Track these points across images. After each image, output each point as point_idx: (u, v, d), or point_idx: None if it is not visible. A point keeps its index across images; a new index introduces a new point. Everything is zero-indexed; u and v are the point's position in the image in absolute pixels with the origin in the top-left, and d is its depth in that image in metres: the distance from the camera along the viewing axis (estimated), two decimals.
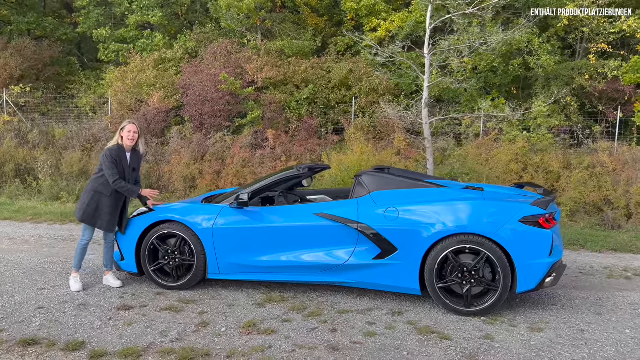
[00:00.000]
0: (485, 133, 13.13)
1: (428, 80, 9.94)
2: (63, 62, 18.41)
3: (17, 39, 17.82)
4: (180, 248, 5.36)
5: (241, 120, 13.45)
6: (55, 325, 4.42)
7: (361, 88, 14.18)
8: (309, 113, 13.95)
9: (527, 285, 4.62)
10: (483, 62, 13.87)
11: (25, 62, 16.86)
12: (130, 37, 17.13)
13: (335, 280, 5.09)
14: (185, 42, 16.15)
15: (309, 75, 14.41)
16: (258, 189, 5.43)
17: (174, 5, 17.50)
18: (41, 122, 15.12)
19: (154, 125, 13.80)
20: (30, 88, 15.76)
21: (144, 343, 4.09)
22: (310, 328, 4.42)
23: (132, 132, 5.36)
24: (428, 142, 10.02)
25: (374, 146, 12.89)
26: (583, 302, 5.15)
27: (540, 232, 4.60)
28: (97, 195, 5.25)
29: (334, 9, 17.70)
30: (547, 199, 4.76)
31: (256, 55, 14.56)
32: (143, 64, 15.43)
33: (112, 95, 15.04)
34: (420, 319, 4.65)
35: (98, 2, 17.98)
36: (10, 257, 6.61)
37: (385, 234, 4.85)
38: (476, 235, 4.65)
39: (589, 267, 6.49)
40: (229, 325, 4.48)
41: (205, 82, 13.51)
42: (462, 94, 14.22)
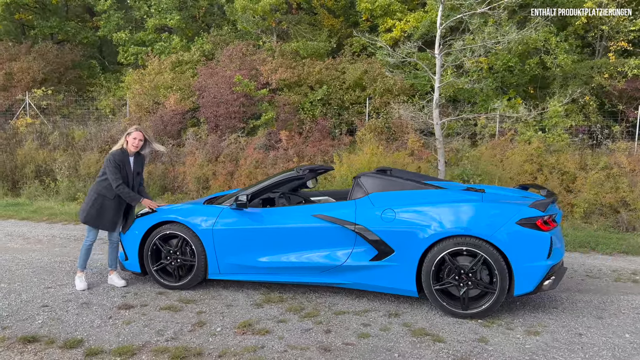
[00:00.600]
0: (501, 133, 13.00)
1: (439, 81, 9.88)
2: (84, 65, 18.80)
3: (41, 43, 18.24)
4: (181, 248, 5.44)
5: (255, 121, 13.55)
6: (57, 323, 4.53)
7: (375, 89, 14.16)
8: (322, 114, 13.99)
9: (524, 288, 4.57)
10: (499, 61, 13.72)
11: (48, 65, 17.27)
12: (148, 40, 17.41)
13: (333, 282, 5.11)
14: (202, 45, 16.34)
15: (323, 76, 14.45)
16: (257, 190, 5.48)
17: (192, 8, 17.70)
18: (62, 124, 15.45)
19: (170, 127, 14.00)
20: (52, 91, 16.13)
21: (140, 342, 4.17)
22: (304, 329, 4.45)
23: (137, 140, 5.45)
24: (439, 143, 9.97)
25: (387, 147, 12.87)
26: (585, 305, 5.08)
27: (538, 235, 4.55)
28: (100, 198, 5.35)
29: (350, 10, 17.71)
30: (546, 201, 4.71)
31: (271, 57, 14.65)
32: (160, 67, 15.67)
33: (130, 98, 15.30)
34: (416, 321, 4.64)
35: (118, 6, 18.29)
36: (22, 256, 6.80)
37: (382, 236, 4.86)
38: (473, 237, 4.62)
39: (597, 270, 6.38)
40: (225, 325, 4.54)
41: (220, 84, 13.66)
42: (478, 94, 14.09)
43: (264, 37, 15.75)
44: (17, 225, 8.98)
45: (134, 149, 5.48)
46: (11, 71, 16.54)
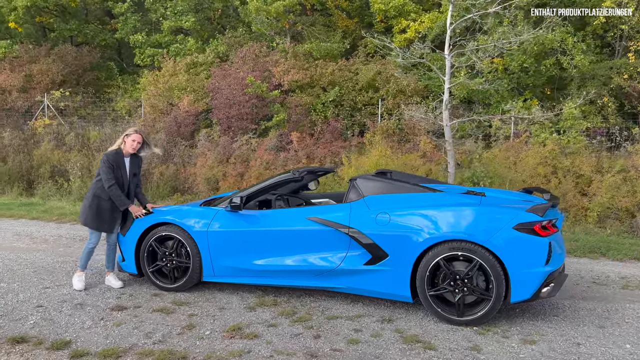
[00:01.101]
0: (516, 136, 12.77)
1: (449, 82, 9.73)
2: (102, 67, 19.03)
3: (60, 45, 18.52)
4: (177, 250, 5.43)
5: (267, 123, 13.54)
6: (49, 324, 4.55)
7: (388, 90, 14.05)
8: (335, 115, 13.92)
9: (521, 295, 4.43)
10: (514, 62, 13.48)
11: (66, 67, 17.52)
12: (164, 42, 17.55)
13: (327, 286, 5.04)
14: (217, 47, 16.41)
15: (336, 78, 14.39)
16: (253, 192, 5.43)
17: (207, 10, 17.79)
18: (79, 125, 15.65)
19: (184, 128, 14.08)
20: (70, 92, 16.36)
21: (127, 344, 4.15)
22: (294, 333, 4.38)
23: (135, 142, 5.46)
24: (449, 145, 9.81)
25: (399, 149, 12.75)
26: (588, 313, 4.91)
27: (536, 240, 4.41)
28: (97, 199, 5.36)
29: (365, 11, 17.61)
30: (544, 205, 4.56)
31: (283, 58, 14.63)
32: (175, 68, 15.77)
33: (144, 99, 15.43)
34: (409, 327, 4.53)
35: (135, 8, 18.48)
36: (26, 256, 6.87)
37: (376, 239, 4.77)
38: (468, 242, 4.50)
39: (605, 276, 6.18)
40: (214, 328, 4.50)
41: (232, 85, 13.69)
42: (492, 95, 13.87)
43: (278, 38, 15.74)
44: (26, 224, 9.10)
45: (132, 150, 5.48)
46: (31, 73, 16.82)
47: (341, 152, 12.55)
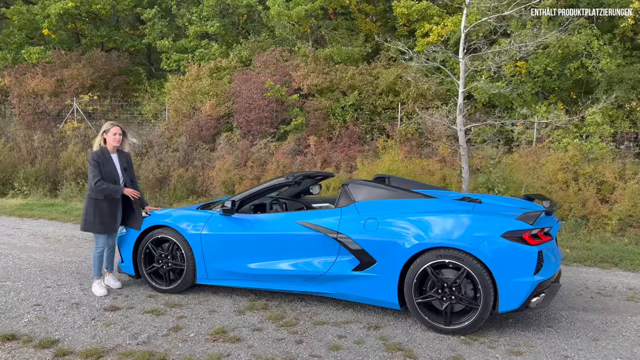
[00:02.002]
0: (539, 141, 12.49)
1: (463, 86, 9.59)
2: (131, 71, 19.46)
3: (91, 51, 19.03)
4: (172, 252, 5.51)
5: (286, 126, 13.60)
6: (42, 323, 4.67)
7: (409, 94, 13.94)
8: (354, 119, 13.89)
9: (509, 304, 4.32)
10: (537, 65, 13.19)
11: (96, 72, 17.97)
12: (190, 47, 17.84)
13: (317, 291, 5.02)
14: (240, 51, 16.59)
15: (356, 82, 14.35)
16: (246, 196, 5.46)
17: (233, 15, 18.01)
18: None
19: (205, 132, 14.27)
20: (98, 96, 16.78)
21: (112, 344, 4.23)
22: (277, 338, 4.39)
23: (117, 135, 5.42)
24: (463, 150, 9.66)
25: (418, 153, 12.63)
26: (584, 325, 4.75)
27: (524, 249, 4.30)
28: (92, 202, 5.39)
29: (388, 14, 17.53)
30: (535, 213, 4.44)
31: (304, 62, 14.69)
32: (199, 73, 16.01)
33: (169, 103, 15.72)
34: (395, 335, 4.48)
35: (162, 14, 18.85)
36: (37, 256, 7.08)
37: (364, 245, 4.73)
38: (455, 250, 4.42)
39: (611, 287, 5.97)
40: (200, 331, 4.54)
41: (252, 89, 13.81)
42: (515, 99, 13.61)
43: (299, 43, 15.81)
44: (44, 224, 9.39)
45: (115, 143, 5.42)
46: (62, 78, 17.31)
47: (358, 156, 12.51)
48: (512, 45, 9.61)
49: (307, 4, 15.00)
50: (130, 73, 19.50)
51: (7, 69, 17.85)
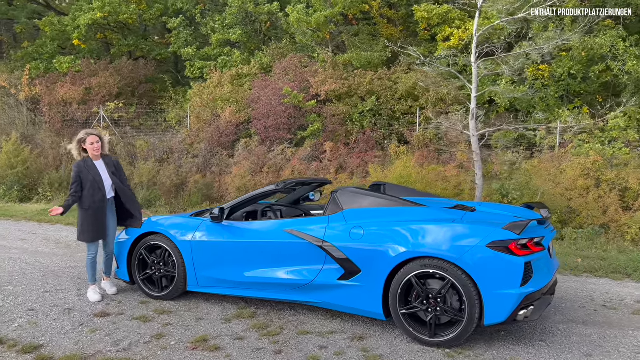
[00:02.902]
0: (563, 146, 12.13)
1: (476, 90, 9.39)
2: (157, 79, 19.83)
3: (119, 59, 19.49)
4: (164, 259, 5.53)
5: (303, 132, 13.59)
6: (31, 327, 4.75)
7: (428, 99, 13.76)
8: (372, 125, 13.77)
9: (495, 317, 4.16)
10: (560, 69, 12.82)
11: (123, 80, 18.38)
12: (213, 55, 18.06)
13: (304, 300, 4.96)
14: (262, 58, 16.69)
15: (375, 87, 14.24)
16: (236, 204, 5.45)
17: (255, 22, 18.16)
18: (130, 135, 16.34)
19: (224, 138, 14.38)
20: (124, 104, 17.14)
21: (92, 351, 4.26)
22: (257, 348, 4.34)
23: (95, 143, 5.42)
24: (476, 156, 9.45)
25: (437, 159, 12.44)
26: (581, 339, 4.54)
27: (510, 259, 4.13)
28: (81, 212, 5.46)
29: (410, 19, 17.36)
30: (522, 223, 4.27)
31: (322, 68, 14.67)
32: (221, 80, 16.17)
33: (190, 110, 15.93)
34: (378, 347, 4.37)
35: (188, 23, 19.15)
36: (43, 260, 7.23)
37: (349, 254, 4.64)
38: (440, 260, 4.29)
39: (619, 300, 5.70)
40: (182, 339, 4.53)
41: (270, 96, 13.86)
42: (538, 103, 13.26)
43: (319, 49, 15.81)
44: (59, 230, 9.60)
45: (95, 151, 5.44)
46: (90, 86, 17.76)
47: (375, 161, 12.40)
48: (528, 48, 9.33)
49: (326, 11, 14.99)
50: (157, 81, 19.87)
51: (39, 78, 18.41)
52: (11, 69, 19.46)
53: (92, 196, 5.41)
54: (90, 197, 5.40)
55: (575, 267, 6.94)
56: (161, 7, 19.63)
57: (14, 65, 20.08)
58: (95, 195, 5.42)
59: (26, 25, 20.64)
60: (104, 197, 5.48)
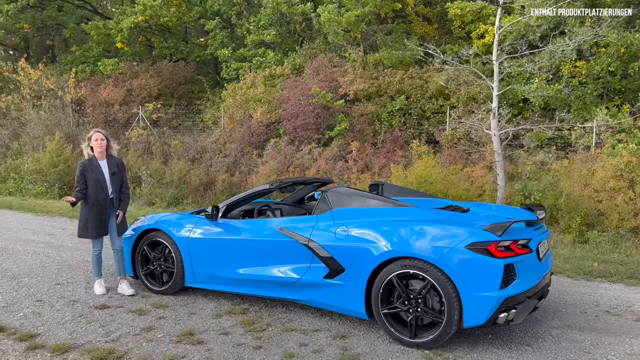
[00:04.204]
0: (599, 145, 11.69)
1: (497, 89, 9.18)
2: (196, 81, 20.32)
3: (160, 62, 20.09)
4: (165, 255, 5.71)
5: (330, 132, 13.63)
6: (34, 317, 5.02)
7: (459, 97, 13.53)
8: (401, 124, 13.66)
9: (474, 320, 4.09)
10: (597, 66, 12.34)
11: (163, 81, 18.94)
12: (248, 56, 18.35)
13: (292, 297, 5.01)
14: (295, 59, 16.84)
15: (405, 86, 14.11)
16: (231, 202, 5.56)
17: (289, 23, 18.33)
18: (168, 134, 16.82)
19: (255, 138, 14.60)
20: (162, 104, 17.67)
21: (83, 341, 4.46)
22: (238, 343, 4.43)
23: (99, 140, 5.61)
24: (498, 156, 9.24)
25: (465, 159, 12.23)
26: (570, 345, 4.39)
27: (489, 261, 4.05)
28: (83, 209, 5.67)
29: (446, 16, 17.10)
30: (504, 224, 4.17)
31: (352, 68, 14.66)
32: (254, 80, 16.42)
33: (224, 111, 16.25)
34: (358, 346, 4.38)
35: (224, 25, 19.53)
36: (64, 254, 7.58)
37: (333, 253, 4.67)
38: (420, 260, 4.26)
39: (625, 306, 5.47)
40: (170, 332, 4.68)
41: (299, 96, 13.98)
42: (573, 102, 12.80)
43: (350, 48, 15.80)
44: None
45: (100, 149, 5.62)
46: (131, 87, 18.40)
47: (402, 161, 12.30)
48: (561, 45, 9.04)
49: (357, 10, 14.97)
50: (195, 82, 20.36)
51: (85, 80, 19.22)
52: (60, 72, 20.39)
53: (95, 194, 5.60)
54: (94, 195, 5.61)
55: (590, 272, 6.70)
56: (200, 9, 20.09)
57: (63, 69, 21.04)
58: (98, 194, 5.61)
59: (74, 30, 21.56)
60: (107, 196, 5.68)
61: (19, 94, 19.27)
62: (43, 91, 18.85)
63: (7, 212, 11.48)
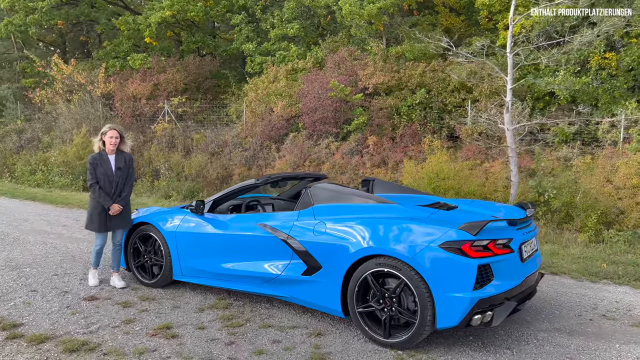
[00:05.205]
0: (627, 141, 11.20)
1: (511, 82, 8.88)
2: (222, 75, 20.48)
3: (187, 56, 20.33)
4: (155, 249, 5.75)
5: (348, 126, 13.51)
6: (23, 307, 5.13)
7: (481, 91, 13.19)
8: (421, 118, 13.41)
9: (447, 321, 3.96)
10: (628, 57, 11.81)
11: (189, 76, 19.18)
12: (272, 50, 18.36)
13: (274, 293, 4.97)
14: (317, 52, 16.76)
15: (426, 79, 13.85)
16: (218, 197, 5.56)
17: (313, 16, 18.24)
18: (193, 128, 17.03)
19: (275, 132, 14.61)
20: (187, 99, 17.88)
21: (62, 331, 4.53)
22: (212, 338, 4.41)
23: (113, 138, 5.68)
24: (511, 151, 8.96)
25: (487, 154, 11.93)
26: (554, 350, 4.20)
27: (462, 261, 3.91)
28: (91, 202, 5.73)
29: (473, 7, 16.69)
30: (480, 223, 4.01)
31: (372, 61, 14.47)
32: (276, 75, 16.42)
33: (246, 105, 16.32)
34: (331, 344, 4.30)
35: (250, 19, 19.60)
36: (71, 245, 7.76)
37: (310, 249, 4.60)
38: (393, 259, 4.14)
39: (626, 310, 5.20)
40: (148, 325, 4.70)
41: (318, 90, 13.89)
42: (601, 95, 12.29)
43: (372, 41, 15.60)
44: None
45: (112, 146, 5.69)
46: (158, 82, 18.70)
47: (420, 156, 12.09)
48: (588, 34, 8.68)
49: (379, 2, 14.76)
50: (222, 76, 20.52)
51: (114, 75, 19.63)
52: (92, 67, 20.89)
53: (103, 188, 5.65)
54: (102, 189, 5.67)
55: (596, 273, 6.41)
56: (227, 3, 20.20)
57: (95, 64, 21.54)
58: (105, 187, 5.66)
59: (106, 25, 22.02)
60: (112, 190, 5.68)
61: (52, 89, 19.85)
62: (75, 86, 19.36)
63: (30, 204, 11.85)
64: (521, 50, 10.66)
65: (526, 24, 14.10)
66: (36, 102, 20.28)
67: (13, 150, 18.41)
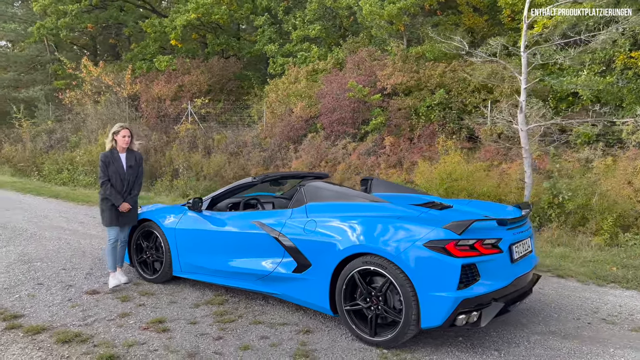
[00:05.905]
0: None
1: (525, 82, 8.72)
2: (245, 76, 20.68)
3: (212, 58, 20.60)
4: (156, 245, 5.86)
5: (366, 127, 13.47)
6: (27, 299, 5.30)
7: (502, 91, 12.99)
8: (440, 118, 13.28)
9: (431, 320, 3.92)
10: None
11: (213, 77, 19.44)
12: (294, 51, 18.45)
13: (267, 291, 5.00)
14: (337, 53, 16.77)
15: (446, 80, 13.71)
16: (216, 195, 5.63)
17: (335, 17, 18.26)
18: (215, 129, 17.24)
19: (294, 132, 14.67)
20: (210, 100, 18.12)
21: (59, 323, 4.66)
22: (201, 333, 4.47)
23: (126, 137, 5.78)
24: (525, 152, 8.79)
25: (505, 155, 11.75)
26: (544, 353, 4.11)
27: (446, 260, 3.86)
28: (101, 197, 5.84)
29: (497, 6, 16.45)
30: (465, 222, 3.96)
31: (391, 61, 14.41)
32: (297, 76, 16.50)
33: (266, 106, 16.44)
34: (318, 341, 4.31)
35: (272, 21, 19.74)
36: (84, 241, 7.95)
37: (301, 247, 4.62)
38: (380, 257, 4.12)
39: (628, 314, 5.05)
40: (142, 319, 4.79)
41: (336, 90, 13.90)
42: (626, 95, 11.97)
43: (392, 42, 15.52)
44: None
45: (125, 144, 5.77)
46: (182, 83, 19.01)
47: (436, 157, 11.97)
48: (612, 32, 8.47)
49: (399, 2, 14.68)
50: (245, 78, 20.72)
51: (140, 77, 20.03)
52: (120, 69, 21.37)
53: (114, 185, 5.74)
54: (113, 186, 5.76)
55: (604, 276, 6.24)
56: (250, 6, 20.40)
57: (123, 66, 22.03)
58: (117, 185, 5.75)
59: (133, 28, 22.49)
60: (123, 188, 5.77)
61: (82, 90, 20.38)
62: (102, 87, 19.83)
63: (52, 201, 12.20)
64: (542, 49, 10.45)
65: (548, 23, 13.86)
66: (66, 103, 20.85)
67: (43, 149, 18.96)
